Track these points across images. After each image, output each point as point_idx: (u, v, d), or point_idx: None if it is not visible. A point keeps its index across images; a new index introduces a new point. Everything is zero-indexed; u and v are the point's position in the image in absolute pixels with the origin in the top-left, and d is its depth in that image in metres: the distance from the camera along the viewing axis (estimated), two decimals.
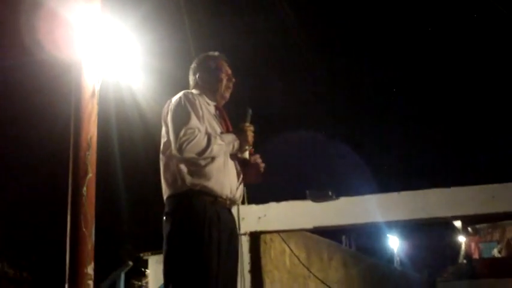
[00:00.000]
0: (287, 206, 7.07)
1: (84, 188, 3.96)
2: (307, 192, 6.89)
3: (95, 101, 4.37)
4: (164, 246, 3.00)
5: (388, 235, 26.82)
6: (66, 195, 4.07)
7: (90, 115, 4.28)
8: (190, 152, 2.92)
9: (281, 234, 8.11)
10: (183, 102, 3.08)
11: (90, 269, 3.79)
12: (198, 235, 2.89)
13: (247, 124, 3.20)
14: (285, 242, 8.07)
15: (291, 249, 8.34)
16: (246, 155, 3.21)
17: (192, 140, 2.91)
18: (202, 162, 2.98)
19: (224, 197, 3.02)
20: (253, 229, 7.13)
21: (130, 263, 7.27)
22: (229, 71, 3.36)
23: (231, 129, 3.22)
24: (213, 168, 3.00)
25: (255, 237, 7.29)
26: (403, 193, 6.59)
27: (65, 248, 3.86)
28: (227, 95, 3.34)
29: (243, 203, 7.48)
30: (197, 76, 3.35)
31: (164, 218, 3.06)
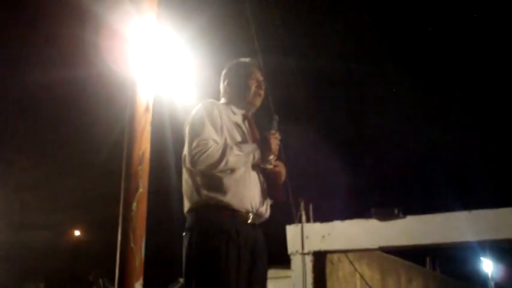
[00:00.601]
0: (352, 224, 6.90)
1: (135, 204, 3.97)
2: (372, 210, 6.69)
3: (149, 116, 4.40)
4: (184, 262, 2.93)
5: (481, 258, 25.02)
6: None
7: (143, 130, 4.31)
8: (203, 164, 2.83)
9: (350, 254, 7.91)
10: (200, 112, 3.02)
11: (138, 285, 3.77)
12: (215, 251, 2.78)
13: (272, 132, 3.03)
14: (351, 263, 7.82)
15: (357, 270, 8.04)
16: (270, 165, 3.06)
17: (205, 151, 2.82)
18: (220, 175, 2.87)
19: (244, 211, 2.88)
20: (317, 248, 6.98)
21: (181, 280, 7.24)
22: (260, 78, 3.23)
23: (258, 138, 3.10)
24: (231, 181, 2.88)
25: (320, 257, 7.13)
26: (474, 212, 6.28)
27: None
28: (257, 102, 3.21)
29: (308, 221, 7.39)
30: (226, 83, 3.28)
31: (184, 233, 2.99)
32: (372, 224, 6.70)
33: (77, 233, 21.95)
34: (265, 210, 3.02)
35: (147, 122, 4.39)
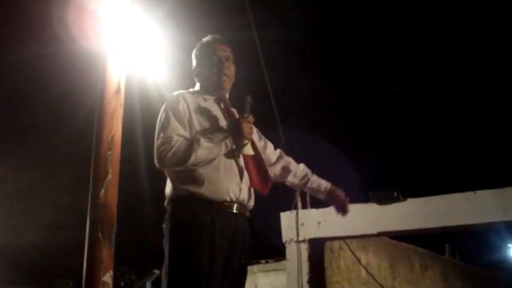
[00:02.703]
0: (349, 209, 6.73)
1: (103, 191, 3.85)
2: (370, 193, 6.54)
3: (120, 97, 4.28)
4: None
5: (509, 245, 23.80)
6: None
7: (114, 112, 4.18)
8: (170, 164, 2.77)
9: (355, 241, 7.76)
10: (164, 108, 2.93)
11: (107, 277, 3.66)
12: (187, 241, 2.71)
13: (245, 115, 2.88)
14: (351, 251, 7.67)
15: (356, 258, 7.89)
16: (248, 150, 2.92)
17: (170, 149, 2.74)
18: (192, 167, 2.77)
19: (221, 201, 2.80)
20: (312, 235, 6.84)
21: (157, 271, 7.09)
22: (224, 54, 3.07)
23: None
24: (206, 171, 2.78)
25: (316, 245, 7.00)
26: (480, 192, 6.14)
27: None
28: (224, 84, 3.07)
29: (304, 207, 7.25)
30: (193, 67, 3.17)
31: (163, 225, 2.92)
32: (371, 208, 6.55)
33: None
34: (248, 198, 2.92)
35: (118, 103, 4.25)
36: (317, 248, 7.00)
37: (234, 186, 2.84)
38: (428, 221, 6.35)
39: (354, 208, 6.75)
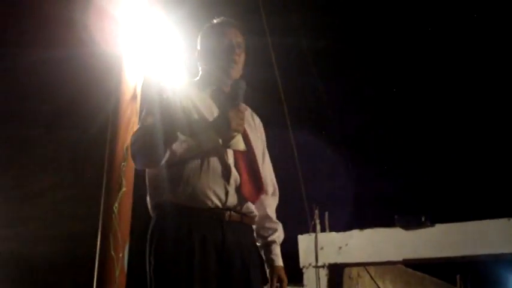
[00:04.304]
0: (372, 234, 6.52)
1: (116, 205, 3.65)
2: (396, 217, 6.32)
3: (136, 104, 4.10)
4: None
5: None
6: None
7: (129, 120, 4.01)
8: (142, 162, 2.42)
9: (372, 269, 7.59)
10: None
11: None
12: (160, 263, 2.33)
13: (235, 103, 2.38)
14: (372, 278, 7.47)
15: (379, 287, 7.71)
16: (238, 145, 2.42)
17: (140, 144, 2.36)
18: (168, 168, 2.37)
19: (201, 207, 2.35)
20: (332, 261, 6.62)
21: None
22: (236, 40, 2.65)
23: None
24: (184, 172, 2.37)
25: (336, 270, 6.78)
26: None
27: None
28: (232, 71, 2.62)
29: (323, 230, 7.05)
30: (198, 50, 2.75)
31: None
32: (396, 233, 6.33)
33: None
34: (241, 203, 2.46)
35: (133, 111, 4.08)
36: (337, 274, 6.78)
37: (217, 189, 2.39)
38: (457, 249, 6.12)
39: (378, 232, 6.67)
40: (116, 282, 3.40)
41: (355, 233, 6.60)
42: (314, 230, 6.92)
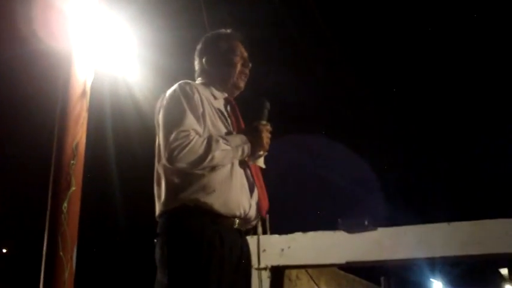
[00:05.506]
0: (315, 237, 6.59)
1: (65, 204, 3.59)
2: (339, 220, 6.42)
3: (85, 101, 4.05)
4: (158, 274, 2.54)
5: (431, 279, 25.48)
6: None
7: (78, 117, 3.95)
8: (184, 162, 2.48)
9: (309, 271, 7.67)
10: (177, 96, 2.63)
11: None
12: (193, 263, 2.42)
13: (263, 122, 2.69)
14: (312, 279, 7.59)
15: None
16: (261, 162, 2.72)
17: (187, 145, 2.46)
18: (201, 173, 2.52)
19: (230, 215, 2.56)
20: (275, 263, 6.65)
21: None
22: (245, 54, 2.90)
23: (243, 128, 2.77)
24: (215, 180, 2.54)
25: (278, 273, 6.82)
26: (455, 224, 6.09)
27: None
28: (242, 84, 2.88)
29: (264, 232, 7.09)
30: (204, 61, 2.90)
31: (155, 240, 2.60)
32: (339, 236, 6.43)
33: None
34: (254, 215, 2.70)
35: (83, 108, 4.02)
36: (279, 276, 6.83)
37: (244, 201, 2.62)
38: (397, 252, 6.27)
39: (322, 235, 6.75)
40: (66, 284, 3.35)
41: (298, 235, 6.65)
42: (255, 233, 6.95)
